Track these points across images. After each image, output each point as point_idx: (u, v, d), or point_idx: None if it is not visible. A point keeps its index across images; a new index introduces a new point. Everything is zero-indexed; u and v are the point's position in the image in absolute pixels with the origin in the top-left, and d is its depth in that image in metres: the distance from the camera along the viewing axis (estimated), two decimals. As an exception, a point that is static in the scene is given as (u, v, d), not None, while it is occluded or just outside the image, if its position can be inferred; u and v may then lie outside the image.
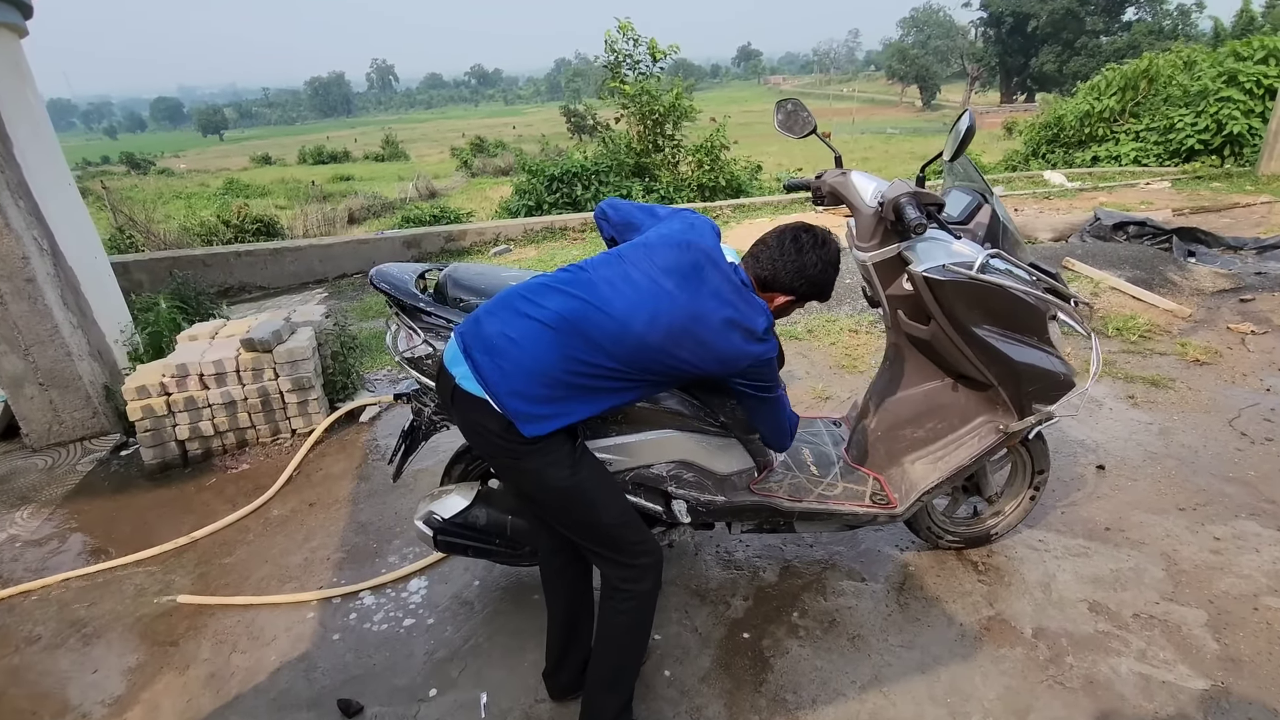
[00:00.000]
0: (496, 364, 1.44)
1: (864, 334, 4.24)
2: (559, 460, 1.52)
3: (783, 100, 2.17)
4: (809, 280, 1.62)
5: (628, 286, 1.47)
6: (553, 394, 1.45)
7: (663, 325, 1.44)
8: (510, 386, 1.43)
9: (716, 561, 2.40)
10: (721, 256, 1.55)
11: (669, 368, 1.50)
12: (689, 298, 1.47)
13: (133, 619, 2.30)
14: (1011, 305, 1.79)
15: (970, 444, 1.99)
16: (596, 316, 1.44)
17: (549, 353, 1.43)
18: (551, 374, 1.43)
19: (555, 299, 1.47)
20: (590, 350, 1.44)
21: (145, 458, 3.14)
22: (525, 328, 1.45)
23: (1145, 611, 2.11)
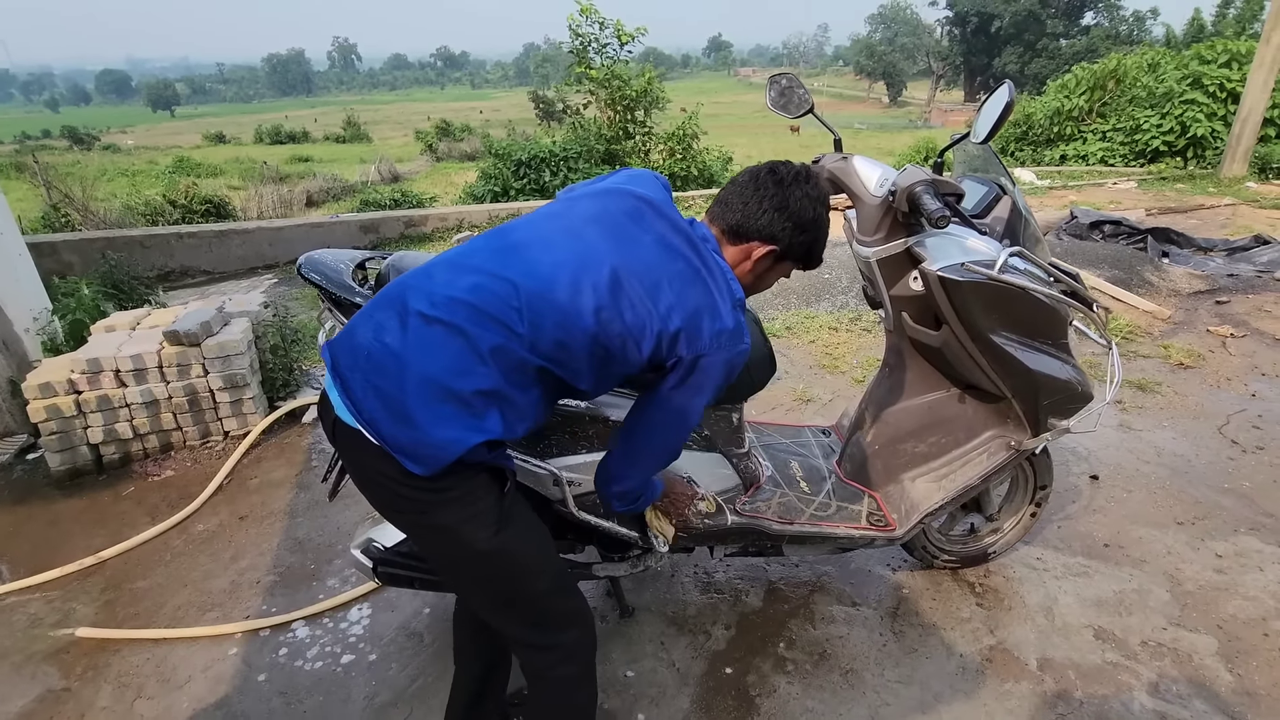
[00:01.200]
0: (372, 383, 1.09)
1: (844, 331, 4.07)
2: (481, 514, 1.16)
3: (776, 75, 1.95)
4: (795, 221, 1.25)
5: (545, 249, 1.15)
6: (452, 411, 1.08)
7: (588, 287, 1.11)
8: (392, 410, 1.08)
9: (695, 584, 2.19)
10: (671, 207, 1.24)
11: (602, 346, 1.14)
12: (623, 248, 1.15)
13: (21, 656, 1.98)
14: (1032, 310, 1.60)
15: (978, 461, 1.81)
16: (504, 291, 1.10)
17: (441, 355, 1.08)
18: (447, 384, 1.07)
19: (452, 279, 1.13)
20: (500, 335, 1.09)
21: (51, 464, 2.78)
22: (411, 328, 1.09)
23: (1153, 639, 1.96)
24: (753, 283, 1.33)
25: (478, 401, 1.09)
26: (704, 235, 1.24)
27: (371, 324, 1.13)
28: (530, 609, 1.26)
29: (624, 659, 1.91)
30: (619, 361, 1.17)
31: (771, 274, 1.34)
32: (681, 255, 1.18)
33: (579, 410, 1.58)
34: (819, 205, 1.28)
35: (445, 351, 1.08)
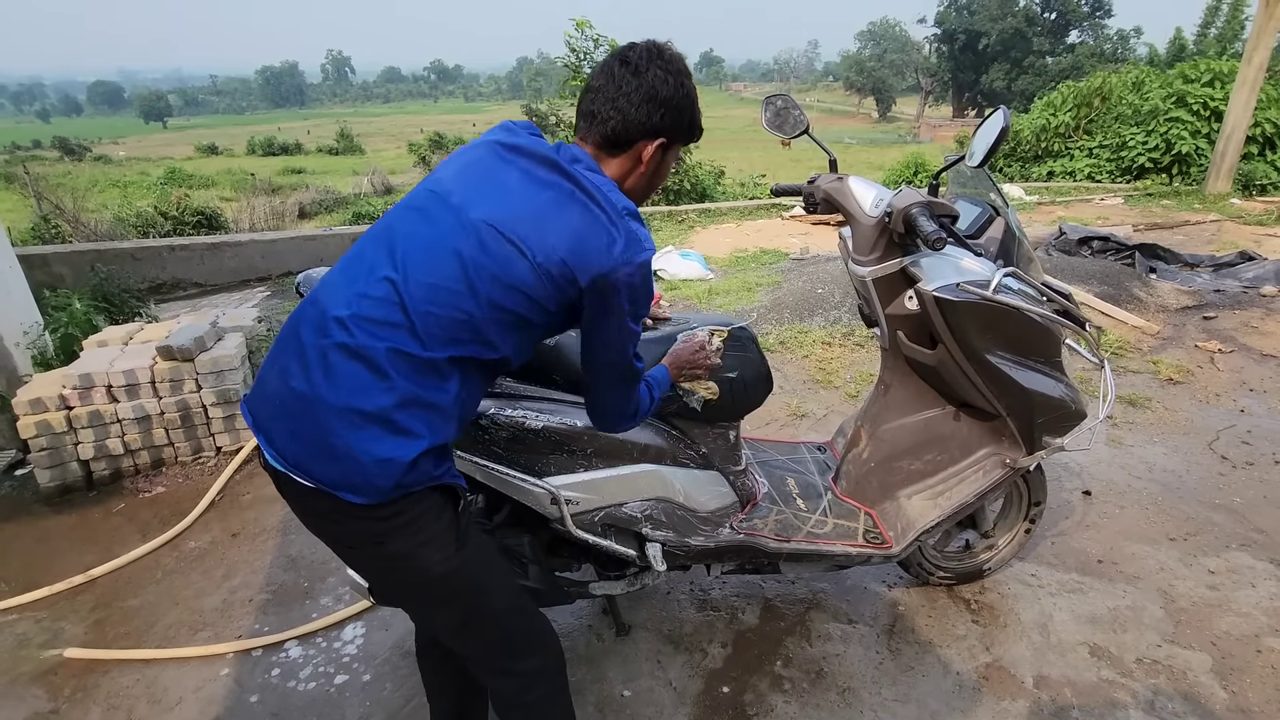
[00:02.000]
0: (290, 429, 1.07)
1: (837, 346, 4.09)
2: (436, 536, 1.13)
3: (772, 96, 1.98)
4: (667, 105, 1.17)
5: (413, 232, 1.11)
6: (375, 433, 1.04)
7: (460, 256, 1.07)
8: (318, 451, 1.05)
9: (691, 602, 2.18)
10: (534, 141, 1.18)
11: (498, 309, 1.09)
12: (486, 201, 1.10)
13: (7, 678, 1.95)
14: (1027, 329, 1.62)
15: (974, 479, 1.82)
16: (383, 292, 1.07)
17: (344, 382, 1.04)
18: (360, 408, 1.04)
19: (333, 297, 1.09)
20: (391, 338, 1.05)
21: (41, 480, 2.75)
22: (311, 363, 1.06)
23: (1148, 655, 1.97)
24: (648, 183, 1.26)
25: (398, 416, 1.05)
26: (574, 156, 1.17)
27: (276, 369, 1.11)
28: (491, 630, 1.25)
29: (620, 678, 1.90)
30: (526, 317, 1.12)
31: (664, 166, 1.27)
32: (549, 184, 1.12)
33: (576, 429, 1.58)
34: (681, 76, 1.19)
35: (346, 377, 1.04)
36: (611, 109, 1.16)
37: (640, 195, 1.26)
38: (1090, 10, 49.47)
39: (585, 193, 1.11)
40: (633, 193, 1.24)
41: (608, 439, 1.60)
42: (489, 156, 1.17)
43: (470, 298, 1.07)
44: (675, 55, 1.20)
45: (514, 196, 1.11)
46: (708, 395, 1.61)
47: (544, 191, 1.12)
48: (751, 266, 6.01)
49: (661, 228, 7.97)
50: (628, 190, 1.22)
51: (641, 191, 1.26)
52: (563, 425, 1.56)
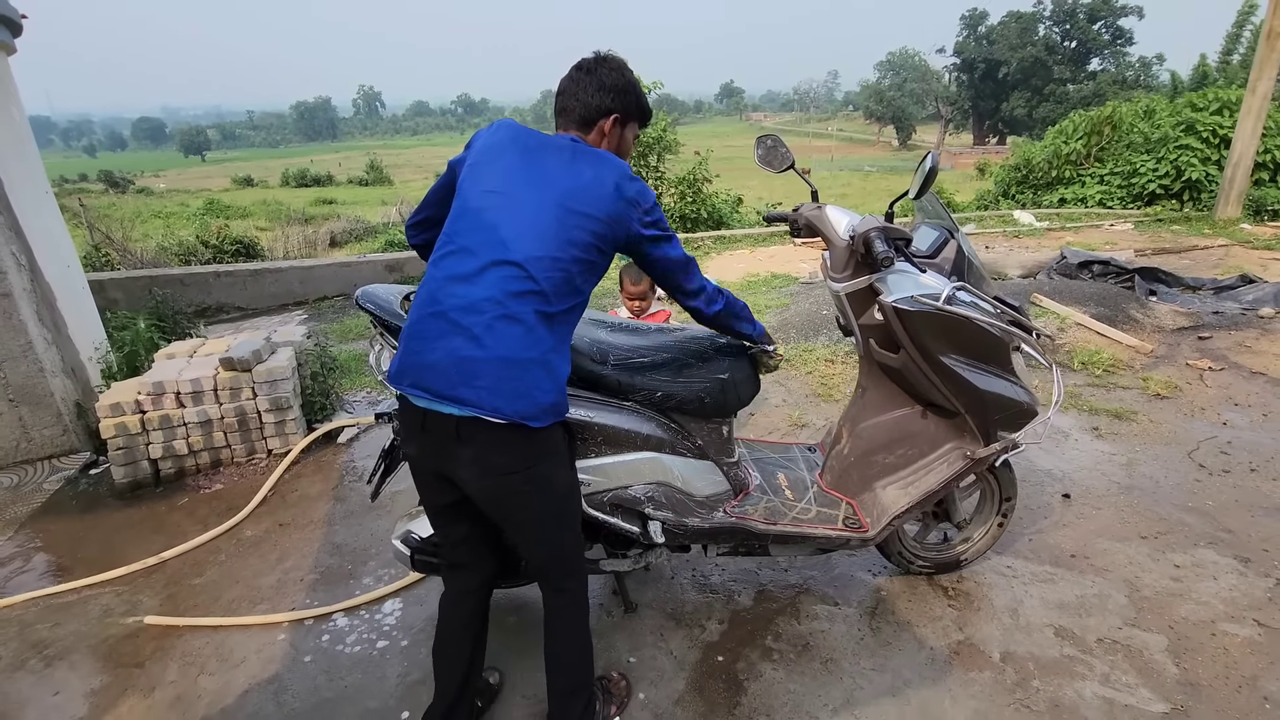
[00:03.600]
0: (475, 385, 1.40)
1: (839, 363, 4.33)
2: (563, 454, 1.58)
3: (762, 136, 2.26)
4: (615, 90, 1.59)
5: (511, 222, 1.46)
6: (539, 374, 1.44)
7: (562, 227, 1.46)
8: (503, 392, 1.41)
9: (692, 585, 2.42)
10: (536, 135, 1.57)
11: (586, 250, 1.48)
12: (545, 187, 1.48)
13: (97, 640, 2.25)
14: (977, 336, 1.87)
15: (939, 470, 2.05)
16: (512, 273, 1.42)
17: (511, 341, 1.41)
18: (528, 357, 1.42)
19: (471, 286, 1.44)
20: (535, 303, 1.43)
21: (116, 476, 3.09)
22: (478, 335, 1.40)
23: (1109, 636, 2.16)
24: (626, 149, 1.68)
25: (551, 358, 1.46)
26: (573, 138, 1.58)
27: (442, 350, 1.42)
28: (570, 546, 1.67)
29: (627, 647, 2.14)
30: (598, 262, 1.52)
31: (625, 140, 1.67)
32: (578, 159, 1.52)
33: (589, 421, 1.85)
34: (621, 70, 1.63)
35: (512, 337, 1.41)
36: (576, 101, 1.60)
37: None
38: (1111, 38, 49.67)
39: (599, 156, 1.54)
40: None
41: (616, 430, 1.87)
42: (521, 154, 1.53)
43: (571, 262, 1.46)
44: (616, 58, 1.65)
45: (564, 177, 1.49)
46: (779, 358, 2.01)
47: (579, 163, 1.51)
48: (762, 290, 6.28)
49: (678, 254, 8.30)
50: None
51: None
52: (575, 417, 1.83)
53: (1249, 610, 2.24)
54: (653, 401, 1.92)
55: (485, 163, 1.55)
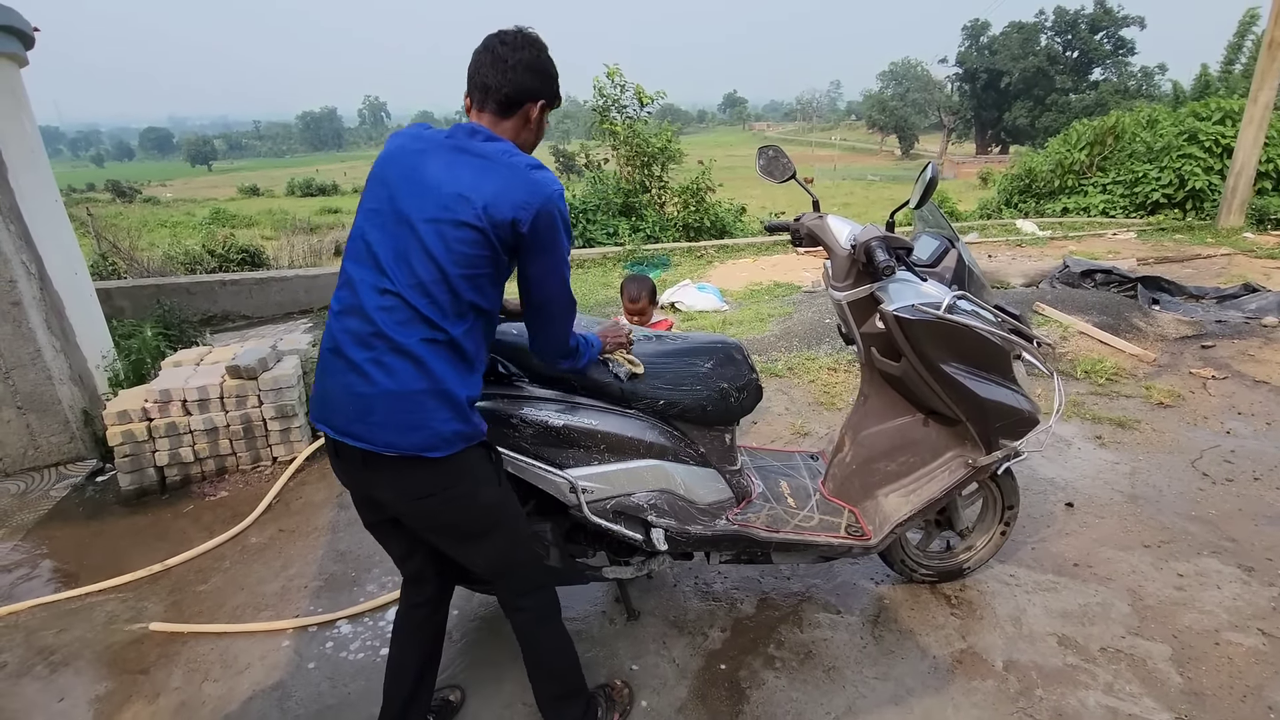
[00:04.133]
0: (372, 421, 1.38)
1: (842, 372, 4.34)
2: (482, 475, 1.52)
3: (764, 146, 2.29)
4: (541, 73, 1.47)
5: (385, 247, 1.40)
6: (438, 399, 1.39)
7: (428, 250, 1.37)
8: (399, 427, 1.38)
9: (695, 593, 2.42)
10: (430, 132, 1.49)
11: (472, 268, 1.38)
12: (423, 198, 1.39)
13: (103, 646, 2.27)
14: (977, 344, 1.88)
15: (941, 477, 2.06)
16: (390, 303, 1.38)
17: (400, 375, 1.38)
18: (421, 386, 1.38)
19: (347, 317, 1.42)
20: (419, 330, 1.38)
21: (122, 483, 3.11)
22: (366, 372, 1.38)
23: (1112, 645, 2.16)
24: (534, 139, 1.54)
25: (446, 386, 1.40)
26: (471, 129, 1.44)
27: (338, 385, 1.42)
28: (522, 543, 1.66)
29: (629, 655, 2.15)
30: (492, 272, 1.43)
31: (541, 127, 1.54)
32: (462, 160, 1.40)
33: (591, 428, 1.86)
34: (546, 51, 1.50)
35: (401, 370, 1.38)
36: (503, 79, 1.44)
37: (529, 150, 1.53)
38: (1113, 49, 49.83)
39: (491, 158, 1.41)
40: (524, 148, 1.51)
41: (619, 437, 1.89)
42: (404, 164, 1.44)
43: (458, 279, 1.38)
44: (538, 37, 1.50)
45: (441, 187, 1.38)
46: (633, 369, 1.88)
47: (460, 169, 1.39)
48: (765, 299, 6.30)
49: (681, 263, 8.33)
50: (521, 146, 1.49)
51: (529, 146, 1.54)
52: (580, 424, 1.85)
53: (1253, 619, 2.24)
54: (656, 409, 1.93)
55: (374, 178, 1.48)
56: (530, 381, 1.86)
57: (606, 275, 7.82)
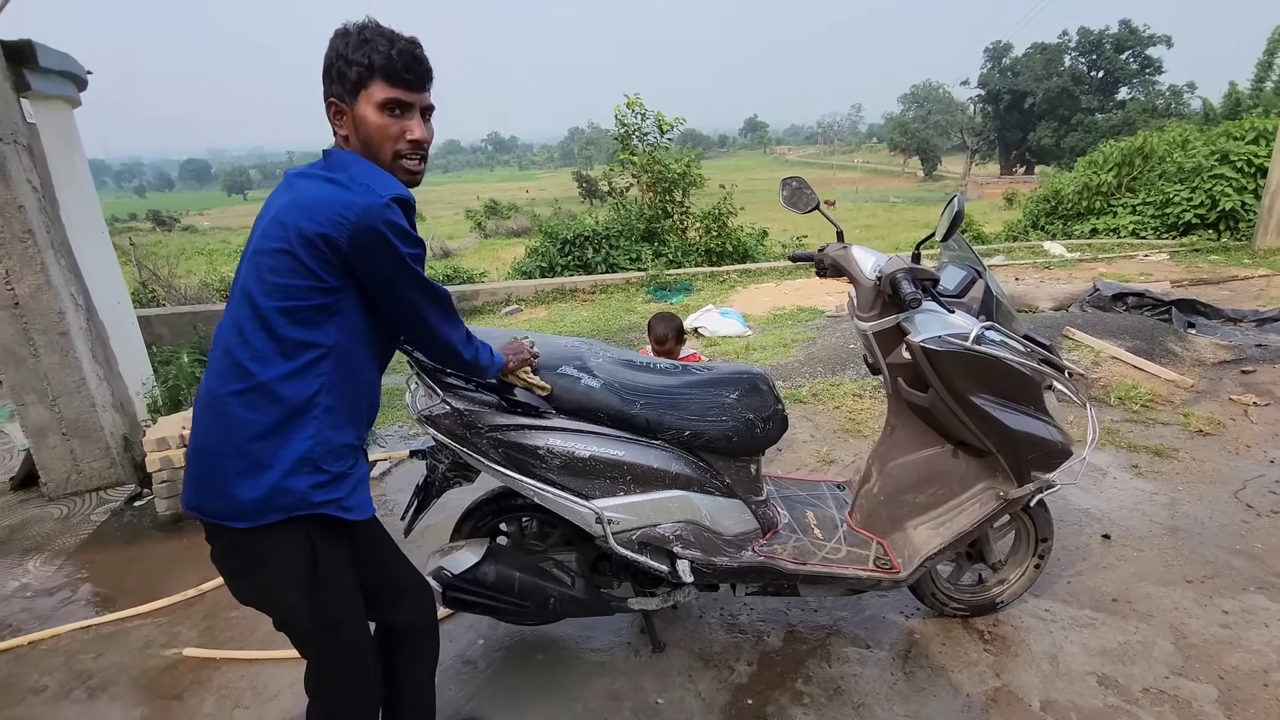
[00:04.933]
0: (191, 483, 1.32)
1: (868, 398, 4.30)
2: (289, 567, 1.35)
3: (787, 178, 2.31)
4: (324, 76, 1.33)
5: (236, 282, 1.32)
6: (228, 452, 1.27)
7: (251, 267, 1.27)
8: (198, 484, 1.31)
9: (721, 625, 2.40)
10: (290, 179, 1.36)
11: (286, 295, 1.24)
12: (260, 221, 1.31)
13: (138, 671, 2.31)
14: (1007, 375, 1.86)
15: (971, 510, 2.03)
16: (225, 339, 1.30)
17: (204, 415, 1.30)
18: (212, 442, 1.29)
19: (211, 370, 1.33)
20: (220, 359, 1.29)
21: (160, 509, 3.19)
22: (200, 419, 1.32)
23: (1155, 686, 2.08)
24: (360, 140, 1.33)
25: (252, 447, 1.28)
26: (325, 152, 1.35)
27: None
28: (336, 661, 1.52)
29: (655, 688, 2.13)
30: (322, 303, 1.27)
31: (363, 121, 1.31)
32: (297, 184, 1.30)
33: (617, 459, 1.87)
34: (328, 51, 1.31)
35: (207, 426, 1.31)
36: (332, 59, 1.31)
37: (375, 153, 1.33)
38: (1140, 68, 49.38)
39: (313, 177, 1.30)
40: (366, 153, 1.33)
41: (645, 468, 1.90)
42: (265, 224, 1.32)
43: (265, 314, 1.25)
44: (333, 37, 1.32)
45: (267, 215, 1.30)
46: (539, 391, 1.82)
47: (284, 196, 1.30)
48: (788, 324, 6.29)
49: (704, 288, 8.37)
50: (361, 153, 1.33)
51: (371, 150, 1.33)
52: (607, 455, 1.86)
53: (1305, 660, 2.15)
54: (681, 440, 1.94)
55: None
56: (557, 412, 1.88)
57: (630, 300, 7.88)
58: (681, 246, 10.21)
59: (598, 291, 8.39)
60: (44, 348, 3.34)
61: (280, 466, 1.27)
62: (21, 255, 3.22)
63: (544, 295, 8.28)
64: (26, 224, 3.21)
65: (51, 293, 3.31)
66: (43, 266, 3.27)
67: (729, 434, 1.97)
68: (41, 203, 3.33)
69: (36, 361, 3.35)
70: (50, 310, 3.32)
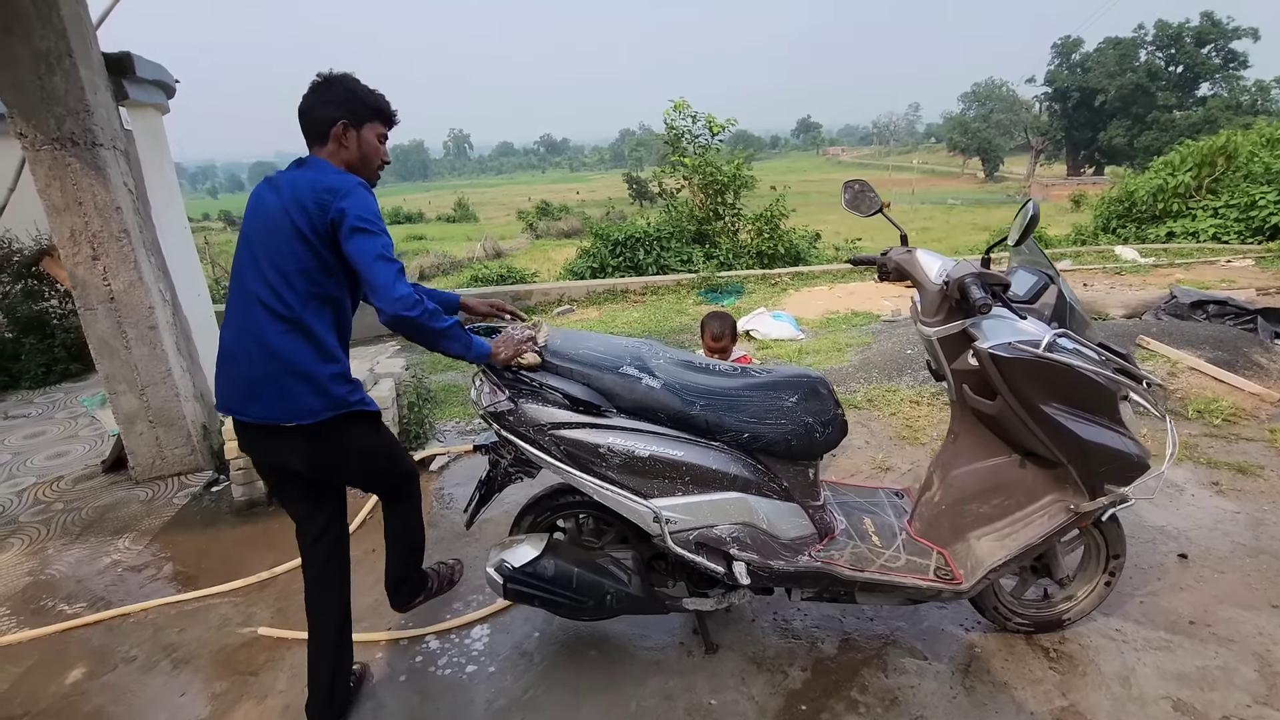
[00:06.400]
0: (254, 394, 1.77)
1: (925, 405, 4.20)
2: (358, 432, 1.93)
3: (850, 181, 2.29)
4: (328, 99, 1.82)
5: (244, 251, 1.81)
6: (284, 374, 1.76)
7: (262, 277, 1.74)
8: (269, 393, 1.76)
9: (774, 629, 2.39)
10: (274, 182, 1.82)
11: (306, 267, 1.73)
12: (269, 205, 1.77)
13: (217, 647, 2.45)
14: (1080, 384, 1.80)
15: (1039, 523, 1.97)
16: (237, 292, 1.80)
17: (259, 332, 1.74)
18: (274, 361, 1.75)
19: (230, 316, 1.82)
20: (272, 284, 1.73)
21: (235, 495, 3.37)
22: (235, 346, 1.79)
23: (1236, 714, 1.98)
24: (358, 154, 1.86)
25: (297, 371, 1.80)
26: (298, 161, 1.85)
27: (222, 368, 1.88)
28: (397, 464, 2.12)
29: (708, 689, 2.14)
30: (320, 262, 1.75)
31: (365, 142, 1.87)
32: (282, 194, 1.75)
33: (676, 459, 1.89)
34: (346, 84, 1.84)
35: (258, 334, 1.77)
36: (309, 123, 1.83)
37: (361, 169, 1.88)
38: (1223, 62, 46.59)
39: (292, 176, 1.78)
40: (351, 166, 1.86)
41: (704, 469, 1.91)
42: (253, 225, 1.82)
43: (289, 278, 1.74)
44: (342, 75, 1.86)
45: (267, 222, 1.79)
46: (529, 363, 1.90)
47: (266, 200, 1.79)
48: (842, 328, 6.20)
49: (755, 290, 8.31)
50: (346, 164, 1.84)
51: (357, 164, 1.87)
52: (666, 455, 1.88)
53: (1407, 696, 2.00)
54: (740, 442, 1.95)
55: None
56: (618, 412, 1.91)
57: (680, 302, 7.88)
58: (733, 249, 10.16)
59: (648, 293, 8.42)
60: (135, 340, 3.57)
61: (327, 380, 1.80)
62: (118, 253, 3.46)
63: (595, 296, 8.37)
64: (123, 224, 3.44)
65: (143, 289, 3.54)
66: (136, 264, 3.50)
67: (787, 438, 1.96)
68: (135, 204, 3.56)
69: (128, 354, 3.58)
70: (141, 305, 3.55)
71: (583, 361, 1.95)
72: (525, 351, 1.89)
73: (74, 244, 3.39)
